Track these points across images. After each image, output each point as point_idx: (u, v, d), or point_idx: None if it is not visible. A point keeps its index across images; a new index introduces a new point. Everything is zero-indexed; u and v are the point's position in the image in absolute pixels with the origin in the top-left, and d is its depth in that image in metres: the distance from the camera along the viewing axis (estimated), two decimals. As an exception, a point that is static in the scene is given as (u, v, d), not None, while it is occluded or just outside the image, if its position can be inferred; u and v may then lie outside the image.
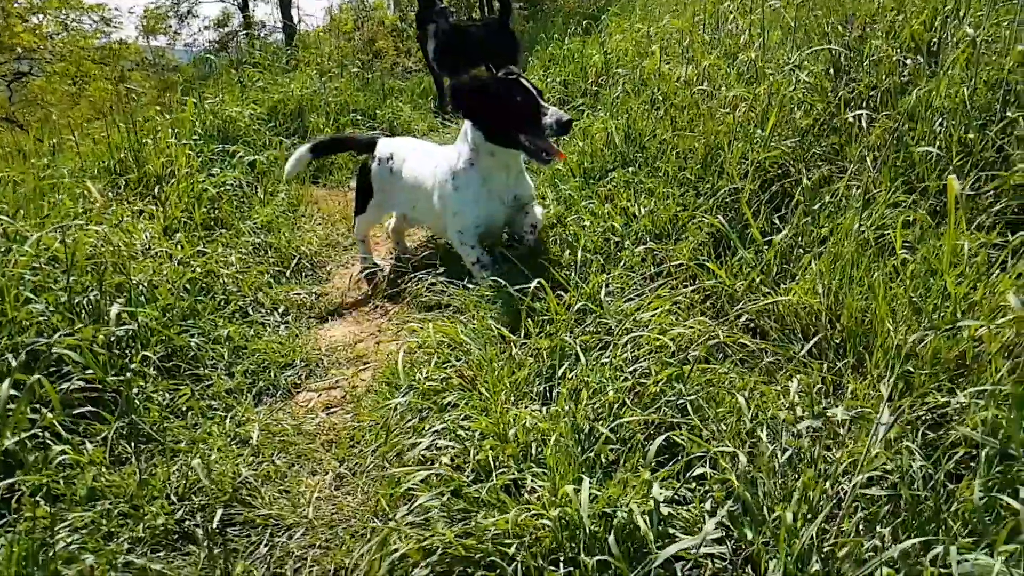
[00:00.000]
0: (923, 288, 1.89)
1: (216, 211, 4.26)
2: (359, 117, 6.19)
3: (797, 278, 2.26)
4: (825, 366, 1.99)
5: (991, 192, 2.22)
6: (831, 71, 2.93)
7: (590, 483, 1.75)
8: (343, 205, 4.77)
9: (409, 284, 3.27)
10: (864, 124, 2.61)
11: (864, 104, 2.68)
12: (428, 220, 3.58)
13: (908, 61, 2.62)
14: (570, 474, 1.79)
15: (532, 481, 1.81)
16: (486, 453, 1.87)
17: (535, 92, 2.93)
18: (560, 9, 10.67)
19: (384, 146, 3.72)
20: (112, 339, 2.77)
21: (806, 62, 2.97)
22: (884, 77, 2.63)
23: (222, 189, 4.44)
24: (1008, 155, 2.29)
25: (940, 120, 2.43)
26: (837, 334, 2.07)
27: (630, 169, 3.12)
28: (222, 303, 3.31)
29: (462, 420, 2.08)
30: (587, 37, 5.59)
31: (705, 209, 2.68)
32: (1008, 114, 2.32)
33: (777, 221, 2.60)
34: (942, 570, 1.44)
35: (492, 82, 3.01)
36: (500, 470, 1.85)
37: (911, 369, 1.74)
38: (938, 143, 2.34)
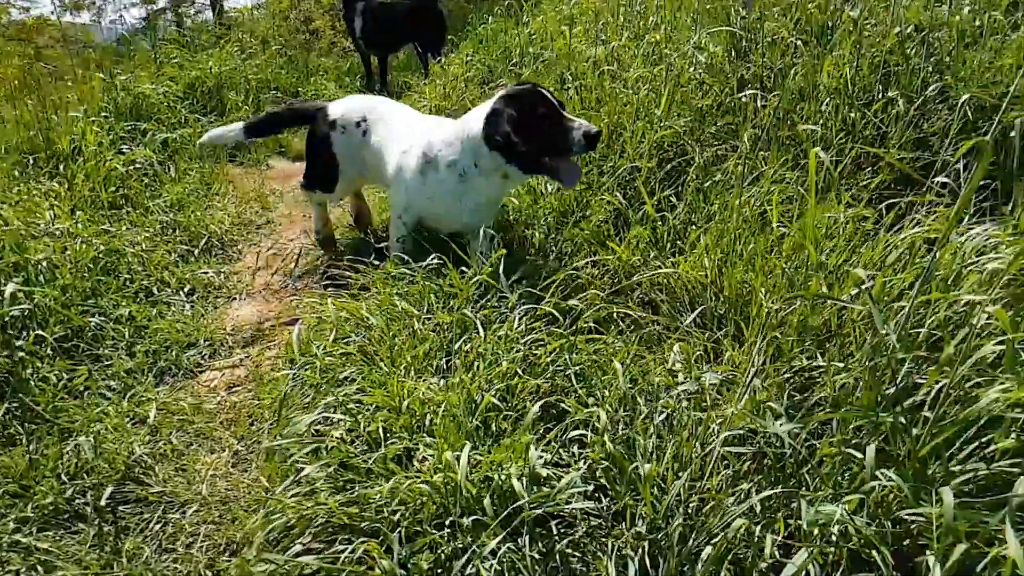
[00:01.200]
0: (796, 260, 1.98)
1: (125, 190, 4.16)
2: (280, 95, 6.06)
3: (687, 253, 2.34)
4: (707, 335, 2.08)
5: (870, 168, 2.34)
6: (731, 53, 3.02)
7: (478, 450, 1.80)
8: (259, 183, 4.68)
9: (319, 261, 3.25)
10: (758, 104, 2.71)
11: (759, 85, 2.78)
12: (379, 178, 3.23)
13: (798, 43, 2.73)
14: (459, 442, 1.83)
15: (424, 450, 1.85)
16: (377, 424, 1.89)
17: (557, 103, 2.59)
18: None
19: (348, 109, 3.23)
20: (6, 319, 2.69)
21: (706, 44, 3.06)
22: (778, 58, 2.73)
23: (132, 167, 4.33)
24: (887, 133, 2.41)
25: (828, 100, 2.54)
26: (721, 305, 2.16)
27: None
28: (126, 283, 3.25)
29: (359, 394, 2.09)
30: (510, 18, 5.59)
31: (607, 188, 2.74)
32: (888, 94, 2.45)
33: (675, 199, 2.69)
34: (799, 521, 1.54)
35: (516, 100, 2.61)
36: (391, 441, 1.88)
37: (777, 336, 1.84)
38: (822, 121, 2.44)
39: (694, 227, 2.49)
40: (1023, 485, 1.28)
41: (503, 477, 1.62)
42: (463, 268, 2.49)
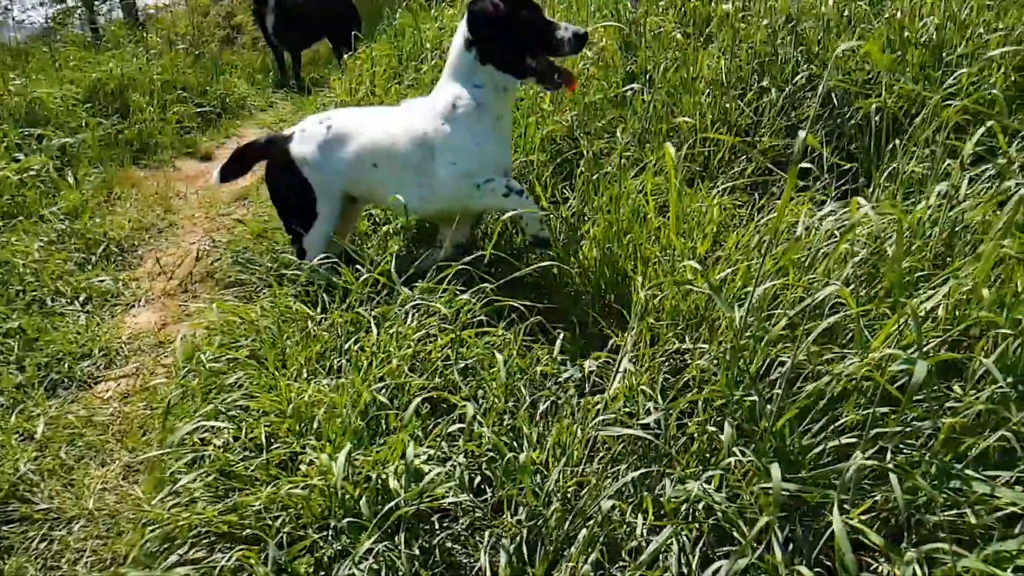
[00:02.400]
0: (669, 248, 2.05)
1: (20, 198, 4.01)
2: (186, 95, 5.89)
3: (577, 244, 2.40)
4: (593, 323, 2.13)
5: (744, 157, 2.43)
6: (621, 48, 3.09)
7: (366, 450, 1.82)
8: (162, 185, 4.55)
9: (217, 264, 3.20)
10: (644, 97, 2.78)
11: (646, 79, 2.85)
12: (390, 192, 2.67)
13: (679, 36, 2.81)
14: (347, 443, 1.84)
15: (309, 453, 1.85)
16: (260, 430, 1.88)
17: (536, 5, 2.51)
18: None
19: (307, 123, 2.80)
20: None
21: (598, 39, 3.12)
22: (661, 52, 2.81)
23: (26, 175, 4.17)
24: (760, 121, 2.51)
25: (707, 91, 2.63)
26: (607, 293, 2.22)
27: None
28: (18, 294, 3.14)
29: (247, 399, 2.07)
30: (421, 12, 5.56)
31: (504, 180, 2.77)
32: (762, 83, 2.54)
33: (568, 191, 2.74)
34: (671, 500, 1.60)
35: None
36: (276, 446, 1.87)
37: (652, 322, 1.90)
38: (700, 113, 2.53)
39: (585, 218, 2.55)
40: (857, 460, 1.36)
41: (382, 477, 1.63)
42: (358, 267, 2.49)
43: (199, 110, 5.99)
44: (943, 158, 1.91)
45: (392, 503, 1.57)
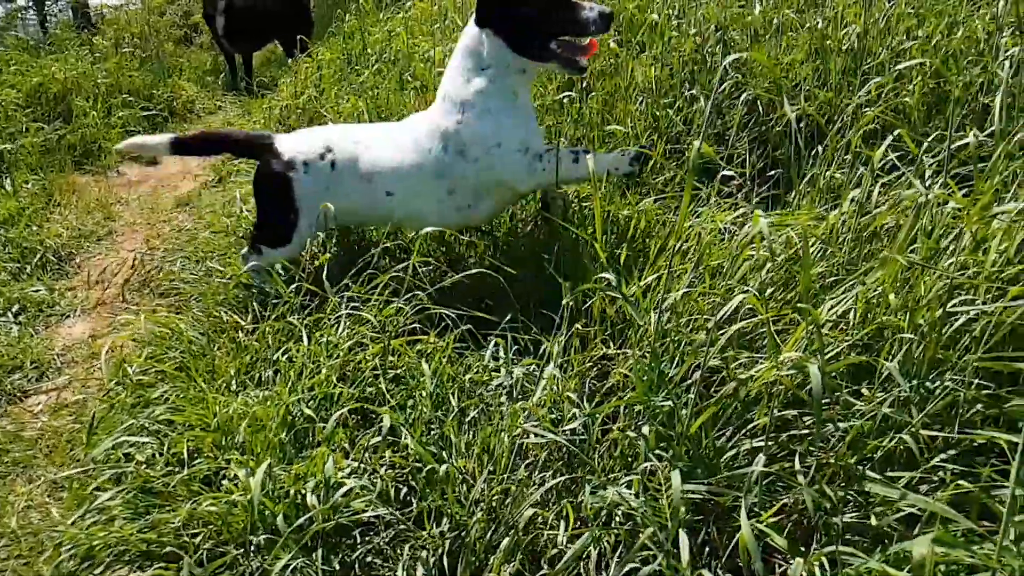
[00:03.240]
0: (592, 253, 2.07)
1: (-47, 207, 3.91)
2: (132, 99, 5.77)
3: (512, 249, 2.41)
4: (525, 329, 2.14)
5: (675, 163, 2.47)
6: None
7: (292, 464, 1.80)
8: (104, 191, 4.47)
9: (152, 272, 3.15)
10: (581, 105, 2.80)
11: (582, 85, 2.87)
12: (416, 209, 2.52)
13: (612, 44, 2.84)
14: (273, 457, 1.82)
15: (232, 468, 1.83)
16: (183, 445, 1.86)
17: None
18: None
19: (304, 144, 2.56)
20: None
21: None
22: (597, 60, 2.84)
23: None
24: (691, 128, 2.55)
25: (640, 99, 2.66)
26: (542, 297, 2.24)
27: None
28: (-56, 307, 3.05)
29: (173, 413, 2.05)
30: (370, 15, 5.53)
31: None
32: (692, 91, 2.58)
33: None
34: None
35: None
36: (199, 461, 1.85)
37: (579, 327, 1.92)
38: (632, 120, 2.56)
39: (522, 223, 2.56)
40: (760, 464, 1.39)
41: (302, 491, 1.62)
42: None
43: (146, 114, 5.88)
44: (857, 165, 1.96)
45: (305, 518, 1.56)
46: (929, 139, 1.99)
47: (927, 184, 1.84)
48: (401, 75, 3.46)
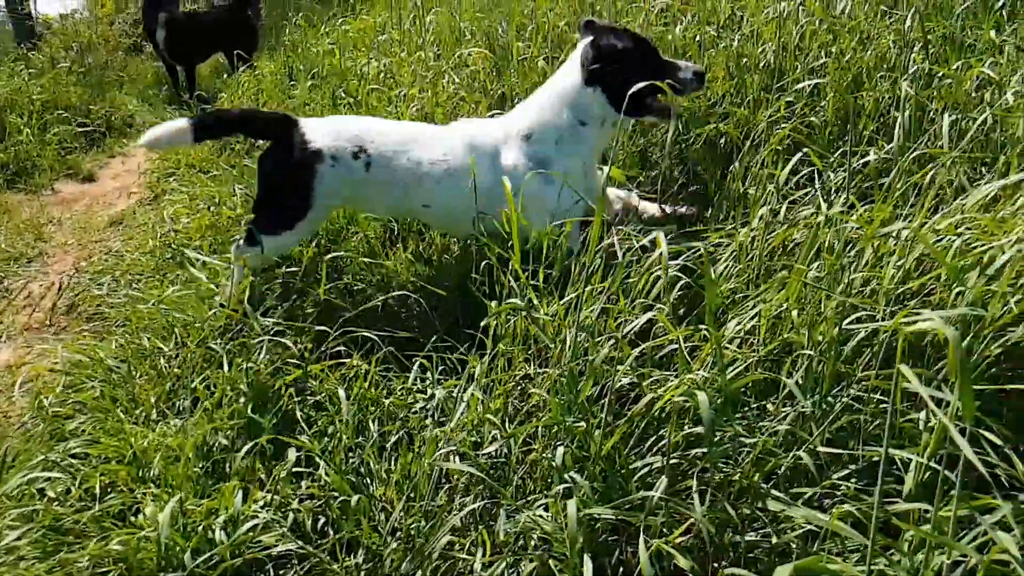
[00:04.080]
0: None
1: None
2: (68, 115, 5.64)
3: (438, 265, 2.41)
4: (450, 349, 2.14)
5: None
6: (494, 71, 3.12)
7: (210, 496, 1.77)
8: (37, 211, 4.35)
9: (79, 296, 3.08)
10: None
11: (514, 103, 2.89)
12: (448, 221, 2.55)
13: (541, 62, 2.86)
14: (187, 490, 1.79)
15: (146, 502, 1.79)
16: (96, 480, 1.82)
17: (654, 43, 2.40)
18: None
19: (334, 135, 2.45)
20: None
21: (471, 60, 3.14)
22: (525, 77, 2.85)
23: None
24: (615, 145, 2.58)
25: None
26: (464, 319, 2.23)
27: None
28: None
29: (88, 445, 2.00)
30: (312, 28, 5.48)
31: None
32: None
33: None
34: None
35: (624, 37, 2.31)
36: (112, 496, 1.81)
37: (503, 348, 1.93)
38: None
39: (453, 242, 2.56)
40: (662, 484, 1.41)
41: (212, 527, 1.59)
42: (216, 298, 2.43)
43: (83, 130, 5.75)
44: (766, 183, 2.01)
45: (209, 554, 1.53)
46: (836, 155, 2.04)
47: (834, 200, 1.90)
48: (334, 92, 3.44)
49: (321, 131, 2.47)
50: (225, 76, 7.08)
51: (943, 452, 1.44)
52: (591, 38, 2.34)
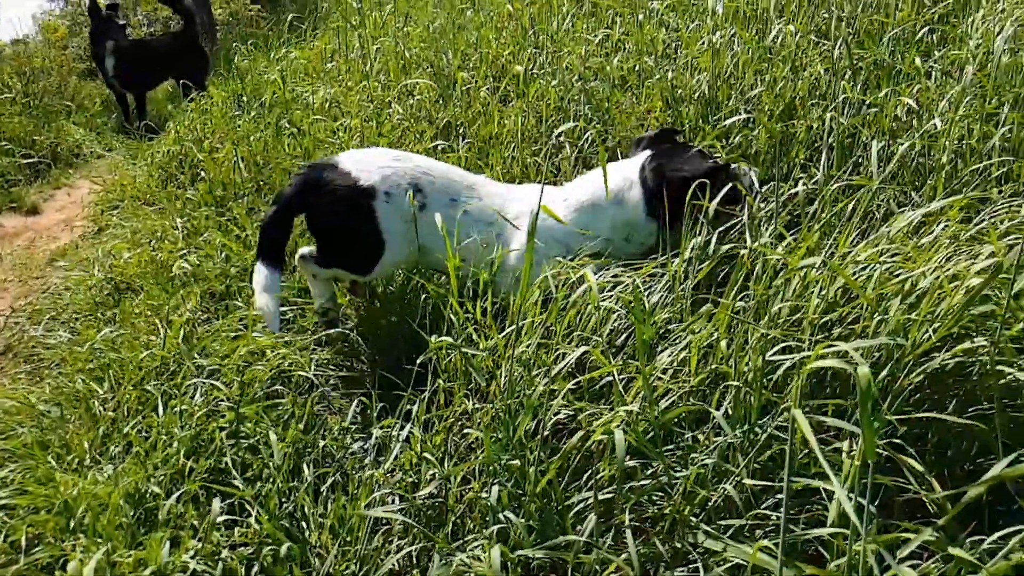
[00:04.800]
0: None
1: None
2: (9, 146, 5.51)
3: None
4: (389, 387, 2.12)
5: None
6: (439, 99, 3.13)
7: (143, 546, 1.72)
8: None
9: (23, 336, 3.00)
10: (459, 149, 2.83)
11: (459, 132, 2.90)
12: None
13: (483, 92, 2.88)
14: (118, 540, 1.74)
15: (74, 554, 1.73)
16: (22, 532, 1.76)
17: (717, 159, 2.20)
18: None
19: (381, 172, 2.29)
20: None
21: (418, 89, 3.15)
22: (469, 107, 2.87)
23: None
24: (559, 173, 2.60)
25: (512, 145, 2.70)
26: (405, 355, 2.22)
27: (245, 200, 3.09)
28: None
29: (17, 495, 1.93)
30: (261, 54, 5.45)
31: (306, 235, 2.73)
32: (560, 139, 2.64)
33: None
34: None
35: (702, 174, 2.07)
36: (38, 548, 1.75)
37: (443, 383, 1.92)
38: (505, 166, 2.60)
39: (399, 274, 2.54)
40: (591, 523, 1.41)
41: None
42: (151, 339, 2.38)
43: (27, 161, 5.63)
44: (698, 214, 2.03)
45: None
46: (768, 185, 2.08)
47: (765, 229, 1.93)
48: (277, 122, 3.42)
49: (374, 171, 2.31)
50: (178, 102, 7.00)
51: (866, 481, 1.47)
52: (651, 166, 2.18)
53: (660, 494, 1.61)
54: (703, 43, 2.67)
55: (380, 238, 2.29)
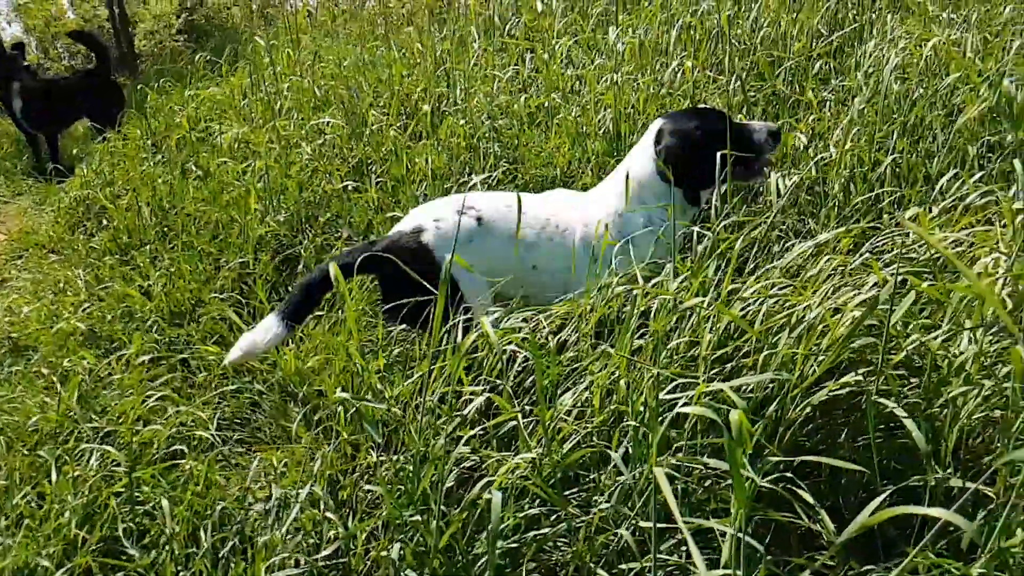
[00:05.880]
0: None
1: None
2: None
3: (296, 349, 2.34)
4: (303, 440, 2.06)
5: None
6: (351, 138, 3.11)
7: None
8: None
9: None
10: (371, 190, 2.80)
11: (370, 170, 2.87)
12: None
13: (392, 132, 2.87)
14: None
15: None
16: None
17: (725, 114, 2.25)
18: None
19: (438, 226, 2.17)
20: None
21: (329, 131, 3.12)
22: (379, 147, 2.86)
23: None
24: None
25: (423, 184, 2.69)
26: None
27: (148, 247, 3.00)
28: None
29: None
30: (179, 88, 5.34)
31: (222, 284, 2.66)
32: (474, 178, 2.64)
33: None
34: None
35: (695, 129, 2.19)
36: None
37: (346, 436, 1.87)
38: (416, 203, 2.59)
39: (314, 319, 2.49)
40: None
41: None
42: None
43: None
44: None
45: None
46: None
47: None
48: (183, 165, 3.33)
49: (428, 222, 2.20)
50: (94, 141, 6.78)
51: (756, 516, 1.49)
52: (666, 129, 2.23)
53: (564, 539, 1.60)
54: (606, 80, 2.72)
55: None
